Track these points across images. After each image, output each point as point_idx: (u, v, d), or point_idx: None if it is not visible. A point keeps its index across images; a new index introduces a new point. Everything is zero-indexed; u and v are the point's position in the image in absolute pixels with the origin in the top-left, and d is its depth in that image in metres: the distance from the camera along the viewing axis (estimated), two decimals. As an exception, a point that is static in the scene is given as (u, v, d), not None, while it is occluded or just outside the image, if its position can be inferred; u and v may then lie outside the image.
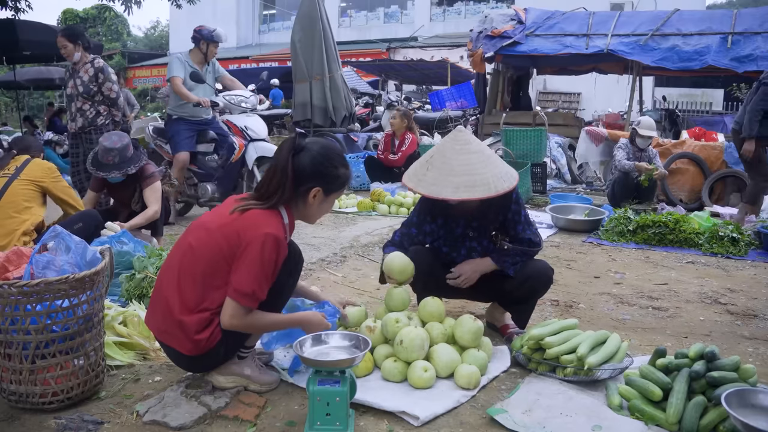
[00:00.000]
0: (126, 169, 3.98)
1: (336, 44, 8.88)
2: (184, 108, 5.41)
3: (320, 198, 2.13)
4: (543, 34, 9.83)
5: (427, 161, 2.58)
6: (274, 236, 1.98)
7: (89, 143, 5.09)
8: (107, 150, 3.96)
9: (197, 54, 5.52)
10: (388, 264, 2.54)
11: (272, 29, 29.84)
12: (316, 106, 8.64)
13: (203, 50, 5.51)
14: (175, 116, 5.44)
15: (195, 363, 2.14)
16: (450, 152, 2.54)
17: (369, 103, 13.02)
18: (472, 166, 2.49)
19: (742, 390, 1.88)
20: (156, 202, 4.11)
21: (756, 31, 8.66)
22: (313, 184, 2.09)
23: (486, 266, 2.70)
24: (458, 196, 2.45)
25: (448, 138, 2.62)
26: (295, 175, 2.06)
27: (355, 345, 2.06)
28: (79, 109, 5.09)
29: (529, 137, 7.57)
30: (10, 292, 1.93)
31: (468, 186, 2.45)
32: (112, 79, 5.09)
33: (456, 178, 2.46)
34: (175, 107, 5.46)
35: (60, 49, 5.07)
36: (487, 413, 2.07)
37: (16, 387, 2.03)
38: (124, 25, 33.02)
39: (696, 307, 3.39)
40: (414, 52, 20.89)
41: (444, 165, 2.51)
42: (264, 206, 2.05)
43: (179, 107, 5.44)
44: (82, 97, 5.04)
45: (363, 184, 7.64)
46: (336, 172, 2.14)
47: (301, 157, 2.09)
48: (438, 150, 2.59)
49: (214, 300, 2.03)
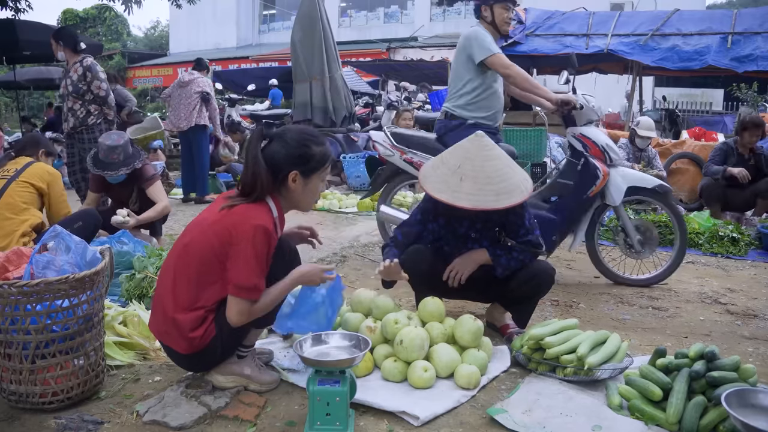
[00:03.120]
0: (132, 165, 4.02)
1: (336, 44, 8.88)
2: (488, 108, 3.77)
3: (301, 181, 2.11)
4: (543, 34, 9.82)
5: (454, 170, 2.49)
6: (263, 227, 1.99)
7: (81, 143, 5.07)
8: (111, 148, 3.97)
9: (489, 28, 3.79)
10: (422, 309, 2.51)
11: (272, 29, 29.81)
12: (316, 106, 8.64)
13: (490, 18, 3.76)
14: (471, 121, 3.70)
15: (193, 361, 2.14)
16: (479, 159, 2.50)
17: (369, 103, 13.01)
18: (504, 171, 2.49)
19: (742, 390, 1.88)
20: (164, 197, 4.23)
21: (756, 31, 8.65)
22: (289, 168, 2.09)
23: (479, 257, 2.66)
24: (501, 205, 2.44)
25: (473, 144, 2.56)
26: (269, 163, 2.06)
27: (355, 345, 2.06)
28: (70, 109, 5.08)
29: (529, 137, 7.57)
30: (10, 292, 1.93)
31: (506, 192, 2.45)
32: (100, 78, 5.04)
33: (494, 186, 2.44)
34: (470, 106, 3.74)
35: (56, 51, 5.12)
36: (487, 413, 2.07)
37: (16, 387, 2.03)
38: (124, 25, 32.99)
39: (696, 307, 3.39)
40: (414, 52, 20.87)
41: (479, 173, 2.47)
42: (249, 200, 2.06)
43: (477, 106, 3.74)
44: (72, 96, 5.04)
45: (363, 184, 7.64)
46: (309, 152, 2.11)
47: (271, 146, 2.10)
48: (464, 157, 2.52)
49: (208, 298, 2.04)
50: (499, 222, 2.69)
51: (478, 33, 3.69)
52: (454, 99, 3.82)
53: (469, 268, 2.67)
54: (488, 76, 3.75)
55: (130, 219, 3.97)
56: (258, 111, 13.35)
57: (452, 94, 3.85)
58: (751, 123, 5.62)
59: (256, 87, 15.55)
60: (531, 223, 2.68)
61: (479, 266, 2.68)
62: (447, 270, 2.68)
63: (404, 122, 7.26)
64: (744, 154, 5.67)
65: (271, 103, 14.50)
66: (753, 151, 5.66)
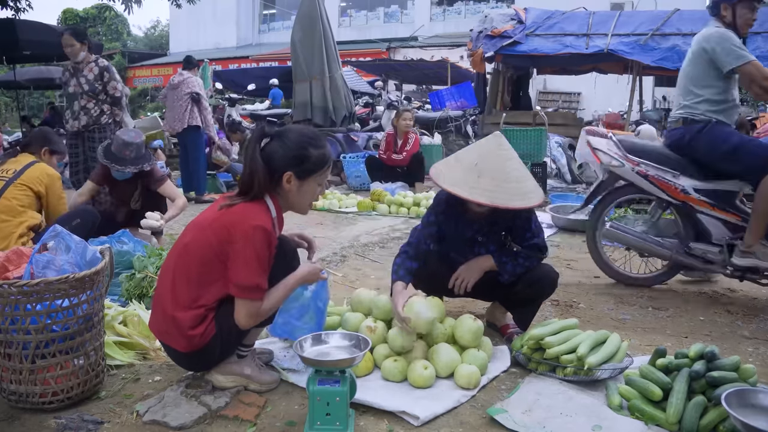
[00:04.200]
0: (141, 166, 4.06)
1: (336, 44, 8.89)
2: (731, 115, 3.43)
3: (296, 182, 2.10)
4: (543, 34, 9.83)
5: (472, 167, 2.46)
6: (262, 228, 1.98)
7: (91, 141, 5.10)
8: (126, 144, 3.99)
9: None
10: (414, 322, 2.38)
11: (272, 29, 29.84)
12: (316, 106, 8.65)
13: (730, 18, 3.38)
14: (714, 120, 3.35)
15: (192, 360, 2.14)
16: (497, 158, 2.47)
17: (369, 103, 13.02)
18: (522, 173, 2.48)
19: (742, 390, 1.88)
20: (179, 193, 4.35)
21: (756, 31, 8.64)
22: (284, 169, 2.07)
23: (485, 264, 2.65)
24: (518, 204, 2.41)
25: (492, 143, 2.54)
26: (266, 162, 2.06)
27: (355, 345, 2.06)
28: (83, 108, 5.10)
29: (529, 137, 7.57)
30: (10, 292, 1.93)
31: (523, 194, 2.43)
32: (116, 78, 5.18)
33: (512, 185, 2.42)
34: (712, 111, 3.36)
35: (65, 47, 5.09)
36: (487, 413, 2.07)
37: (16, 387, 2.03)
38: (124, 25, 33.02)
39: (696, 307, 3.39)
40: (414, 52, 20.90)
41: (498, 171, 2.43)
42: (247, 199, 2.06)
43: (722, 113, 3.38)
44: (87, 95, 5.07)
45: (363, 184, 7.65)
46: (305, 153, 2.08)
47: (270, 145, 2.09)
48: (481, 155, 2.49)
49: (209, 296, 2.04)
50: (506, 226, 2.68)
51: (723, 36, 3.23)
52: (692, 104, 3.36)
53: (475, 276, 2.65)
54: (732, 82, 3.33)
55: (162, 221, 4.02)
56: (258, 111, 13.37)
57: (689, 100, 3.39)
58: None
59: (256, 87, 15.56)
60: (537, 226, 2.67)
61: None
62: (452, 278, 2.67)
63: (404, 122, 7.27)
64: None
65: (271, 103, 14.52)
66: None
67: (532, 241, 2.64)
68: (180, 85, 6.89)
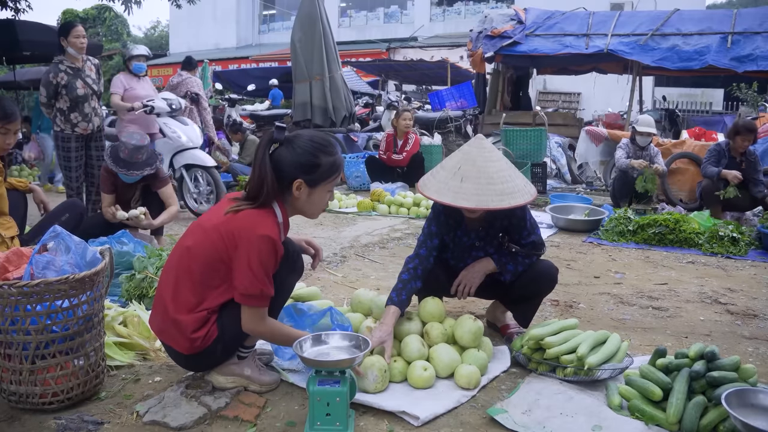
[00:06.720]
0: (155, 165, 4.10)
1: (336, 44, 8.89)
2: None
3: (305, 190, 2.07)
4: (543, 34, 9.84)
5: (455, 172, 2.44)
6: (269, 237, 1.96)
7: (99, 141, 5.00)
8: (137, 148, 4.00)
9: None
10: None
11: (272, 29, 29.82)
12: (316, 106, 8.65)
13: None
14: None
15: (193, 361, 2.14)
16: (480, 160, 2.45)
17: (369, 103, 13.02)
18: (506, 173, 2.46)
19: (742, 390, 1.88)
20: (175, 200, 4.32)
21: (756, 31, 8.67)
22: (294, 176, 2.04)
23: (486, 267, 2.65)
24: (504, 205, 2.39)
25: (474, 146, 2.52)
26: (275, 168, 2.03)
27: (355, 345, 2.06)
28: (94, 109, 4.97)
29: (529, 137, 7.58)
30: (10, 293, 1.93)
31: (509, 193, 2.40)
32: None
33: (496, 187, 2.40)
34: None
35: (80, 38, 4.79)
36: (487, 413, 2.07)
37: (16, 387, 2.03)
38: (124, 26, 32.95)
39: (696, 307, 3.39)
40: (414, 52, 20.89)
41: (481, 174, 2.41)
42: (255, 205, 2.03)
43: None
44: (96, 96, 4.99)
45: (363, 184, 7.64)
46: (316, 161, 2.05)
47: (280, 151, 2.06)
48: (465, 159, 2.48)
49: (212, 300, 2.04)
50: (501, 227, 2.68)
51: None
52: None
53: (477, 280, 2.64)
54: None
55: (145, 218, 4.02)
56: (258, 111, 13.36)
57: None
58: (743, 128, 5.69)
59: (256, 87, 15.56)
60: (532, 223, 2.67)
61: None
62: (455, 284, 2.66)
63: (404, 122, 7.26)
64: (735, 157, 5.74)
65: (271, 103, 14.51)
66: (744, 154, 5.71)
67: (529, 239, 2.65)
68: (179, 86, 6.92)
